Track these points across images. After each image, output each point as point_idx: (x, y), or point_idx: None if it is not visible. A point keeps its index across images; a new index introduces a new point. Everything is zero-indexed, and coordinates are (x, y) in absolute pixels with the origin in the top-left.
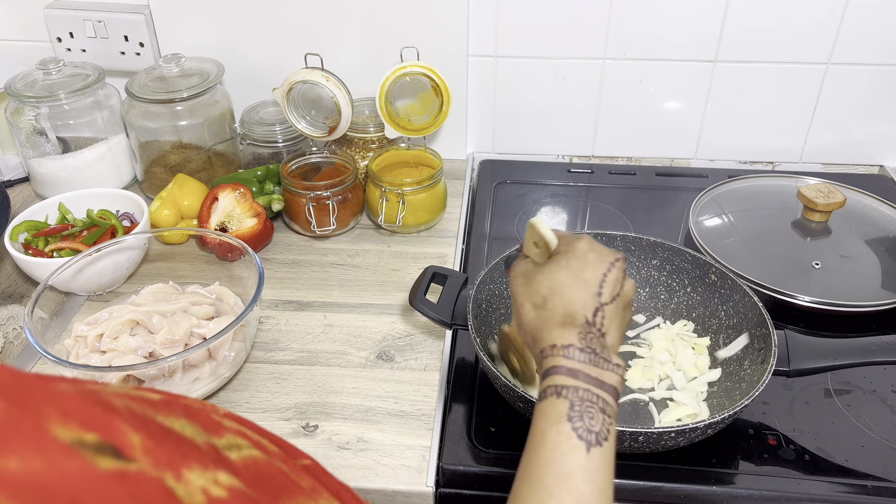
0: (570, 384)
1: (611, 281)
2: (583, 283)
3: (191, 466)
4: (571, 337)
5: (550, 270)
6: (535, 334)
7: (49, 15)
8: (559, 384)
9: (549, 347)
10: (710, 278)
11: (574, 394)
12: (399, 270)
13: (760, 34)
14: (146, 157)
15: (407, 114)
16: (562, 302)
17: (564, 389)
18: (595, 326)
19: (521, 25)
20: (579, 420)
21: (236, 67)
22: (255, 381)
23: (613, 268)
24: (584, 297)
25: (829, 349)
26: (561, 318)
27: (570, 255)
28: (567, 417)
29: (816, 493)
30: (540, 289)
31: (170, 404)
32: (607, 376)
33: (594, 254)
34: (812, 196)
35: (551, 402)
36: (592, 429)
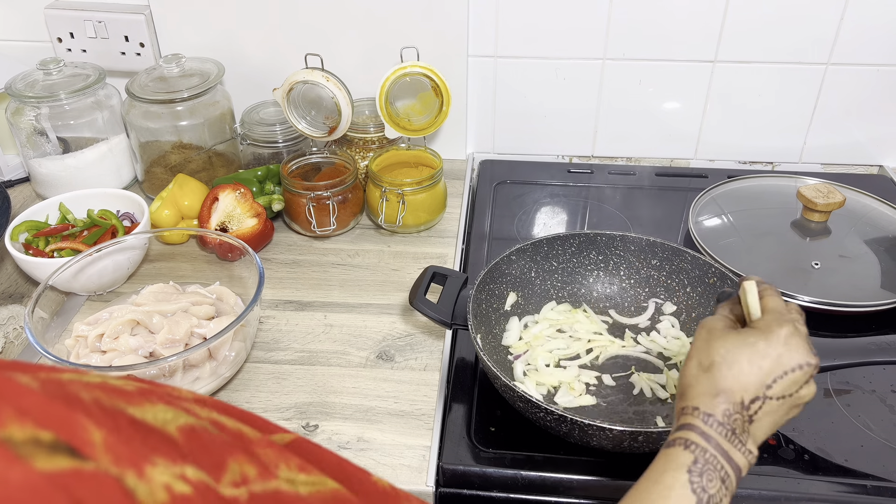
0: (700, 444)
1: (788, 381)
2: (757, 370)
3: (155, 462)
4: (717, 409)
5: (734, 340)
6: (685, 390)
7: (49, 15)
8: (689, 439)
9: (692, 408)
10: (710, 279)
11: (701, 453)
12: (399, 270)
13: (760, 34)
14: (146, 158)
15: (407, 114)
16: (728, 375)
17: (693, 445)
18: (747, 412)
19: (521, 25)
20: (698, 476)
21: (236, 67)
22: (255, 380)
23: (799, 371)
24: (752, 383)
25: (829, 349)
26: (717, 389)
27: (763, 336)
28: (687, 469)
29: (816, 493)
30: (713, 353)
31: (145, 394)
32: (737, 455)
33: (787, 348)
34: (811, 196)
35: (677, 451)
36: (707, 490)
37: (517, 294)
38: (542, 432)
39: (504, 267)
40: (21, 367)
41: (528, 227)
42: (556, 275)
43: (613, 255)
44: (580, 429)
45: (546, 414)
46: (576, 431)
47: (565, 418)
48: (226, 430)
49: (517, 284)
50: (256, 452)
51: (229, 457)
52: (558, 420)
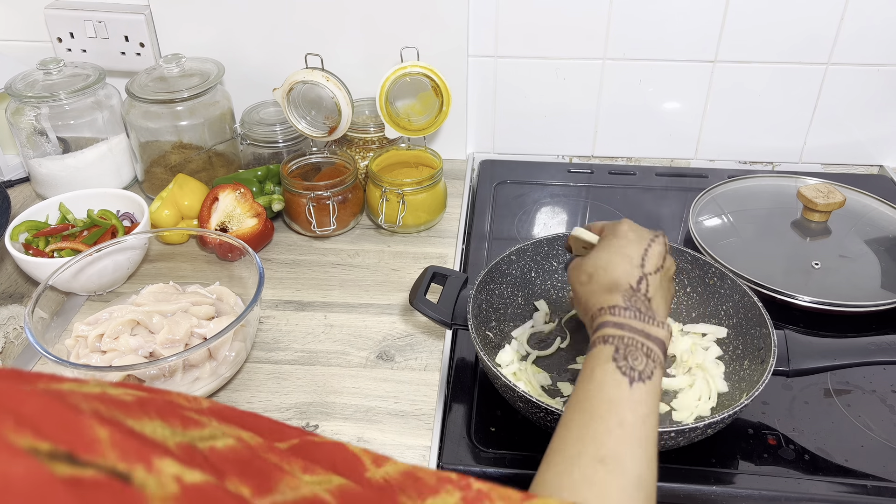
0: (616, 333)
1: (653, 254)
2: (625, 258)
3: (163, 456)
4: (616, 299)
5: (595, 252)
6: (585, 305)
7: (49, 15)
8: (606, 334)
9: (597, 310)
10: (711, 279)
11: (619, 340)
12: (399, 270)
13: (760, 34)
14: (146, 158)
15: (407, 114)
16: (606, 274)
17: (611, 337)
18: (640, 292)
19: (521, 25)
20: (623, 360)
21: (236, 67)
22: (255, 380)
23: (654, 242)
24: (628, 269)
25: (829, 349)
26: (607, 286)
27: (612, 236)
28: (612, 358)
29: (816, 493)
30: (587, 268)
31: (144, 404)
32: (653, 330)
33: (634, 233)
34: (812, 196)
35: (599, 348)
36: (636, 367)
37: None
38: (542, 432)
39: (504, 267)
40: (20, 375)
41: (528, 227)
42: (556, 275)
43: None
44: None
45: (546, 414)
46: None
47: None
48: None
49: (517, 284)
50: (254, 465)
51: (223, 478)
52: (558, 420)
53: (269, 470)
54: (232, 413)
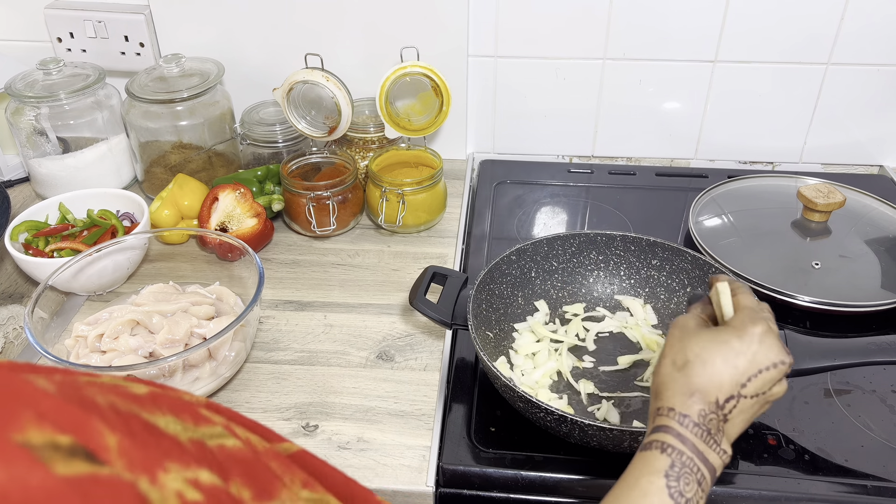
0: (677, 447)
1: (763, 380)
2: (732, 368)
3: (168, 468)
4: (692, 409)
5: (708, 339)
6: (660, 390)
7: (49, 15)
8: (665, 441)
9: (667, 409)
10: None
11: (677, 456)
12: (399, 270)
13: (760, 34)
14: (146, 158)
15: (407, 114)
16: (702, 373)
17: (669, 448)
18: (722, 411)
19: (521, 25)
20: (675, 480)
21: (236, 67)
22: (255, 380)
23: (773, 369)
24: (726, 381)
25: (829, 349)
26: (692, 389)
27: (737, 334)
28: (664, 474)
29: (816, 493)
30: (687, 351)
31: (156, 399)
32: (712, 456)
33: (762, 346)
34: (812, 196)
35: (654, 454)
36: (685, 493)
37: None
38: (542, 432)
39: (504, 267)
40: (37, 369)
41: (528, 227)
42: (556, 275)
43: (613, 255)
44: (580, 429)
45: (546, 414)
46: (576, 431)
47: (565, 418)
48: (234, 433)
49: (517, 284)
50: (258, 471)
51: (228, 479)
52: (558, 420)
53: (271, 478)
54: (236, 414)
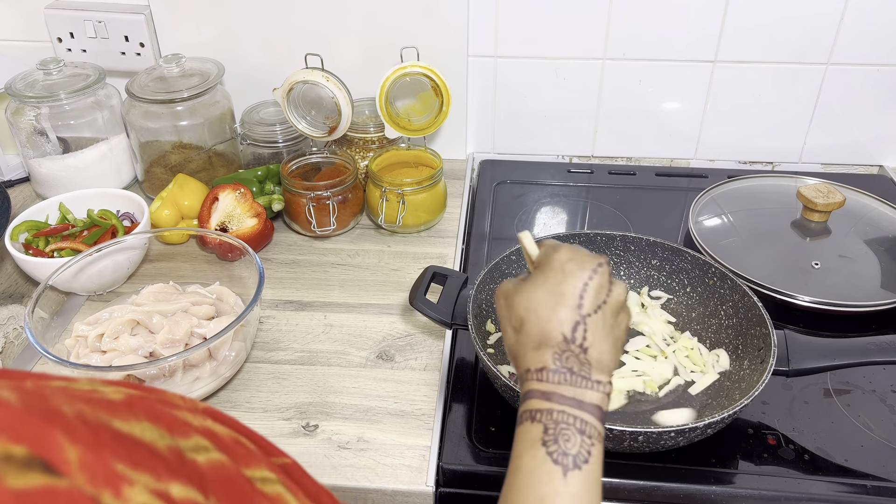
0: (544, 407)
1: (592, 290)
2: (559, 298)
3: (134, 481)
4: (545, 359)
5: (528, 289)
6: (515, 359)
7: (49, 15)
8: (533, 408)
9: (525, 372)
10: (710, 279)
11: (548, 417)
12: (399, 270)
13: (760, 34)
14: (146, 158)
15: (407, 114)
16: (537, 321)
17: (538, 413)
18: (575, 343)
19: (521, 25)
20: (554, 444)
21: (236, 67)
22: (255, 380)
23: (595, 275)
24: (562, 314)
25: (829, 349)
26: (536, 340)
27: (548, 268)
28: (541, 442)
29: (816, 493)
30: (518, 310)
31: (132, 405)
32: (587, 395)
33: (573, 263)
34: (811, 196)
35: (526, 427)
36: (569, 451)
37: None
38: None
39: (504, 267)
40: (7, 375)
41: (528, 227)
42: None
43: (613, 255)
44: None
45: None
46: None
47: None
48: (218, 440)
49: None
50: (237, 486)
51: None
52: None
53: (252, 495)
54: (227, 418)
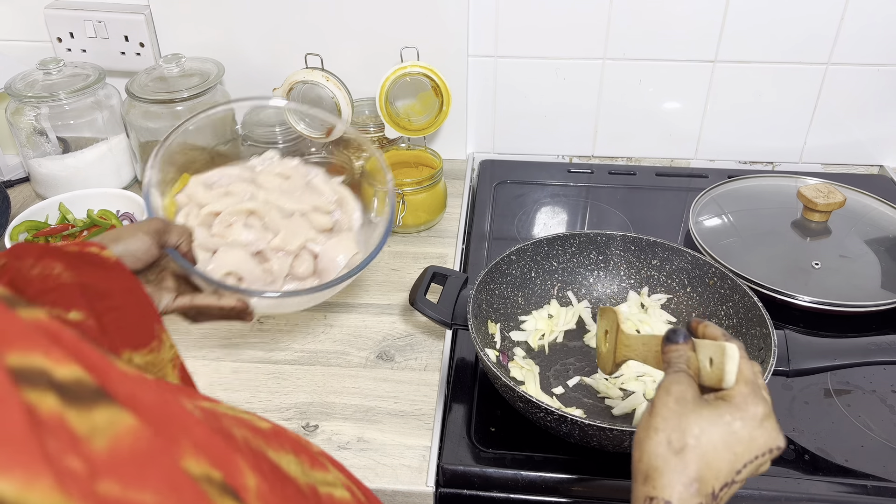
0: None
1: (757, 465)
2: (731, 456)
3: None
4: (692, 502)
5: (708, 420)
6: (652, 474)
7: (49, 15)
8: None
9: (662, 491)
10: (710, 279)
11: None
12: (399, 270)
13: (760, 34)
14: (146, 158)
15: (407, 114)
16: (701, 461)
17: None
18: (717, 500)
19: (521, 25)
20: None
21: (236, 68)
22: (255, 380)
23: (769, 454)
24: (724, 469)
25: (829, 349)
26: (691, 478)
27: (739, 416)
28: None
29: (816, 493)
30: (686, 433)
31: (279, 436)
32: None
33: (761, 431)
34: (812, 196)
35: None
36: None
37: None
38: (542, 432)
39: (504, 267)
40: (181, 390)
41: (528, 227)
42: (556, 275)
43: (613, 255)
44: (580, 429)
45: (546, 414)
46: (576, 431)
47: (565, 418)
48: (346, 489)
49: (517, 284)
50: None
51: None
52: (558, 420)
53: None
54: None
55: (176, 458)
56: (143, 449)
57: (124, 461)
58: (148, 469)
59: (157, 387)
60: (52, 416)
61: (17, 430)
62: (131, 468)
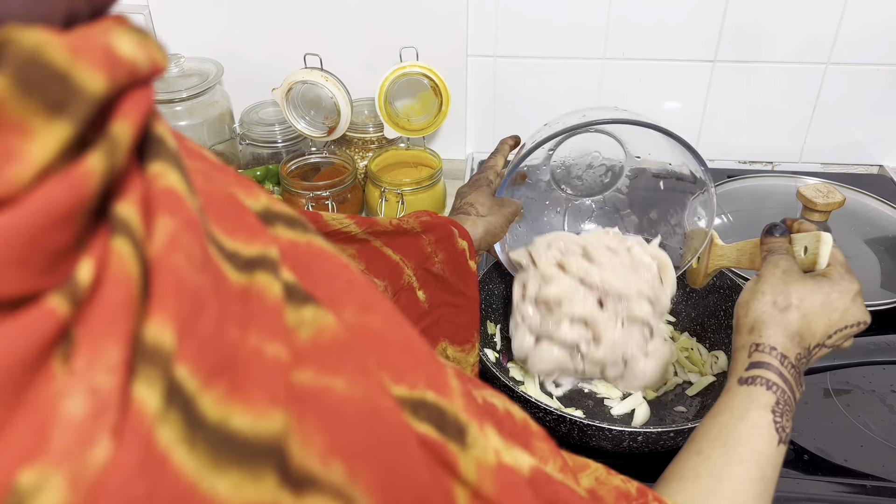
0: (780, 384)
1: (845, 335)
2: (826, 320)
3: (492, 425)
4: (792, 352)
5: (811, 288)
6: (758, 326)
7: None
8: (770, 379)
9: (769, 347)
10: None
11: (781, 394)
12: None
13: (760, 34)
14: None
15: (406, 114)
16: (802, 320)
17: (775, 386)
18: (810, 356)
19: (520, 25)
20: (779, 416)
21: (236, 67)
22: None
23: (856, 327)
24: (819, 331)
25: None
26: (792, 333)
27: (837, 289)
28: (771, 409)
29: (816, 493)
30: (791, 295)
31: (462, 376)
32: (798, 394)
33: (854, 304)
34: (811, 196)
35: (759, 390)
36: (786, 428)
37: None
38: None
39: (503, 267)
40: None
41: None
42: None
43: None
44: (580, 429)
45: (546, 414)
46: (575, 431)
47: (565, 418)
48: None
49: None
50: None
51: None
52: (558, 420)
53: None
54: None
55: (371, 369)
56: (341, 342)
57: (322, 349)
58: (343, 358)
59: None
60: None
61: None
62: (328, 355)
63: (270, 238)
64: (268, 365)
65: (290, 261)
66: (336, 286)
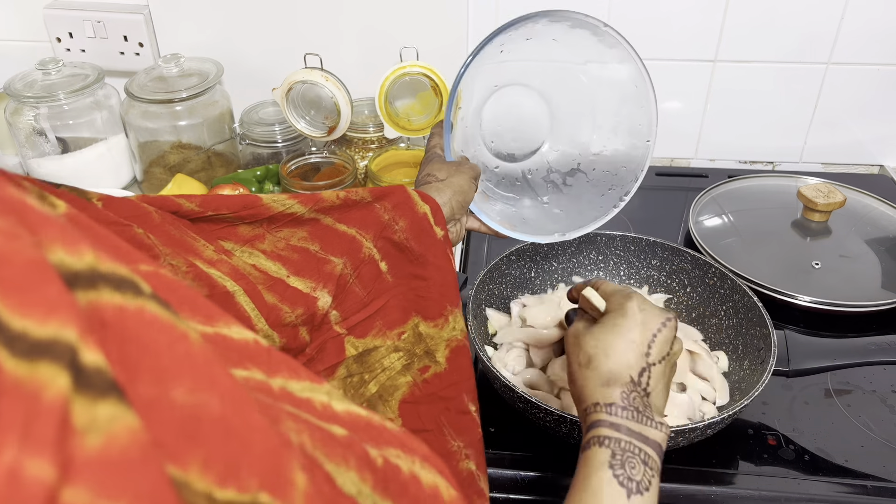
0: (613, 436)
1: (660, 342)
2: (630, 344)
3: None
4: (614, 395)
5: (598, 331)
6: (580, 393)
7: (48, 15)
8: (602, 435)
9: (593, 405)
10: (710, 279)
11: (616, 444)
12: None
13: (760, 34)
14: (145, 158)
15: (406, 114)
16: (607, 362)
17: (606, 440)
18: (640, 386)
19: None
20: (620, 468)
21: (236, 67)
22: None
23: (664, 328)
24: (632, 358)
25: (829, 349)
26: (605, 377)
27: (620, 314)
28: (608, 465)
29: (816, 494)
30: (587, 349)
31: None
32: (651, 433)
33: (644, 314)
34: (812, 196)
35: (594, 451)
36: (633, 478)
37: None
38: (542, 432)
39: (504, 267)
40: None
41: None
42: (555, 275)
43: (613, 255)
44: (580, 429)
45: (546, 414)
46: (575, 432)
47: (565, 418)
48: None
49: (517, 285)
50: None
51: None
52: (558, 420)
53: None
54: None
55: (163, 484)
56: (134, 455)
57: (108, 464)
58: (132, 477)
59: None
60: None
61: None
62: (113, 474)
63: (75, 313)
64: (24, 490)
65: (113, 331)
66: (167, 360)
